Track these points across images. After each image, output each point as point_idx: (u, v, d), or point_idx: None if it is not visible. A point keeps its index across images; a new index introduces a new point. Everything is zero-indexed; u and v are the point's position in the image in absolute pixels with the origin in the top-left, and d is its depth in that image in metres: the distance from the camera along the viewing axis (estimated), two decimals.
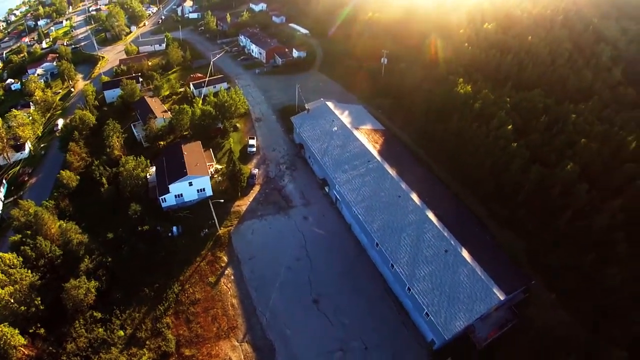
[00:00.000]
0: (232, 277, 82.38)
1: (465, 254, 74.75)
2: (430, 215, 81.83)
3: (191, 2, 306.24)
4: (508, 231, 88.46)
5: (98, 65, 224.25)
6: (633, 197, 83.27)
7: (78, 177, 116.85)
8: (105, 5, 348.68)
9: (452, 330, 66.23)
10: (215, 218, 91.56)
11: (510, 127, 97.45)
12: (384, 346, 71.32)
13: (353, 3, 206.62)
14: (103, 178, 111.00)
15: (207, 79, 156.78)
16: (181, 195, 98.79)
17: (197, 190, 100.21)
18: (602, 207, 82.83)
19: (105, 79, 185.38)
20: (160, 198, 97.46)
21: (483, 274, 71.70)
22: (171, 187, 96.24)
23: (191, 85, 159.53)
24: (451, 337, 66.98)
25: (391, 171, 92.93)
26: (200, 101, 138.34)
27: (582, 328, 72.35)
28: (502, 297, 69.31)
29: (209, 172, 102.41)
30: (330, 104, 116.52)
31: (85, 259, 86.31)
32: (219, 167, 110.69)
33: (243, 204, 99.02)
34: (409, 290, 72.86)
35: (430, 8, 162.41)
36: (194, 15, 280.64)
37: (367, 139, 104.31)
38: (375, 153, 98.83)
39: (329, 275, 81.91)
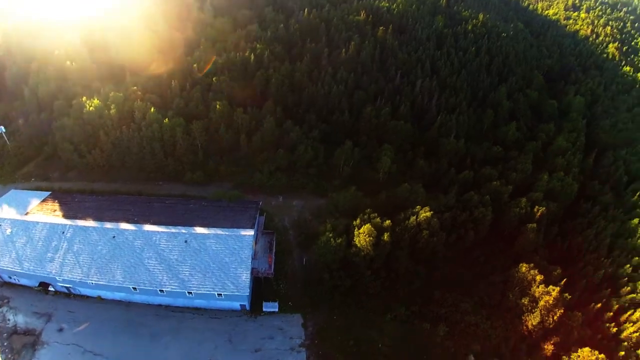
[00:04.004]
0: None
1: (199, 229, 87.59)
2: (150, 227, 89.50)
3: None
4: (222, 183, 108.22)
5: None
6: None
7: None
8: None
9: (244, 286, 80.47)
10: None
11: (152, 109, 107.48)
12: (219, 342, 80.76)
13: None
14: None
15: None
16: None
17: None
18: None
19: None
20: None
21: (224, 230, 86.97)
22: None
23: None
24: (249, 290, 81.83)
25: (89, 222, 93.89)
26: None
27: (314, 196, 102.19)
28: (251, 232, 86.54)
29: None
30: None
31: None
32: None
33: None
34: (190, 293, 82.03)
35: None
36: None
37: (44, 213, 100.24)
38: (62, 220, 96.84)
39: (128, 350, 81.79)
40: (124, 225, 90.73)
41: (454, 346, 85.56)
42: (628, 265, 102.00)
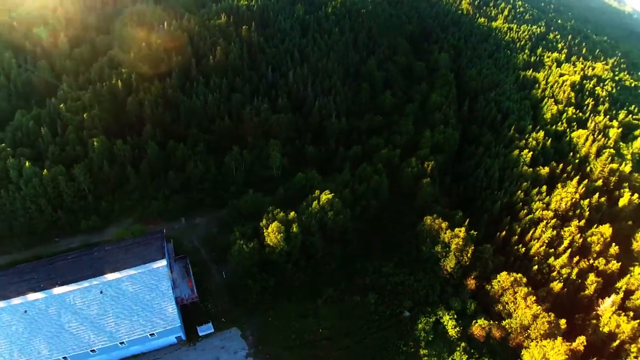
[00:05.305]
0: None
1: (111, 276, 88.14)
2: (60, 289, 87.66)
3: None
4: (120, 221, 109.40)
5: None
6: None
7: None
8: None
9: (173, 318, 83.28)
10: None
11: (27, 164, 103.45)
12: None
13: None
14: None
15: None
16: None
17: None
18: None
19: None
20: None
21: (136, 268, 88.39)
22: None
23: None
24: (180, 321, 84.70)
25: None
26: None
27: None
28: (164, 263, 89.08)
29: None
30: None
31: None
32: None
33: None
34: (123, 343, 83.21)
35: None
36: None
37: None
38: None
39: None
40: (32, 296, 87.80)
41: (387, 309, 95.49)
42: (519, 192, 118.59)
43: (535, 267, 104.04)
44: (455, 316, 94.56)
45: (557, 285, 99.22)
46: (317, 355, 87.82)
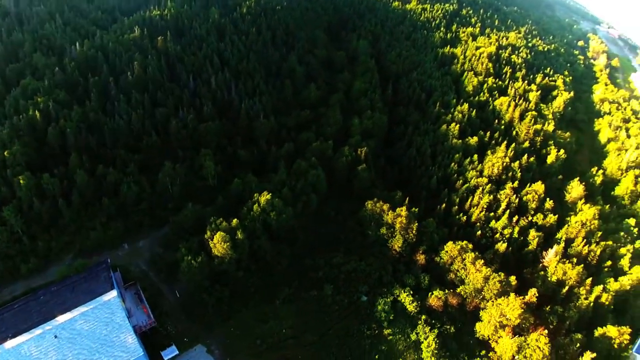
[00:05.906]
0: None
1: (63, 317, 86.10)
2: (12, 342, 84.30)
3: None
4: (61, 258, 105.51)
5: None
6: None
7: None
8: None
9: (135, 349, 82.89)
10: None
11: None
12: None
13: None
14: None
15: None
16: None
17: None
18: None
19: None
20: None
21: (87, 305, 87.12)
22: None
23: None
24: (142, 349, 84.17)
25: None
26: None
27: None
28: (115, 293, 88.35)
29: None
30: None
31: None
32: None
33: None
34: None
35: None
36: None
37: None
38: None
39: None
40: None
41: (345, 297, 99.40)
42: (453, 164, 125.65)
43: (479, 232, 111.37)
44: (412, 292, 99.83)
45: (501, 246, 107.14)
46: (285, 356, 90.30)
